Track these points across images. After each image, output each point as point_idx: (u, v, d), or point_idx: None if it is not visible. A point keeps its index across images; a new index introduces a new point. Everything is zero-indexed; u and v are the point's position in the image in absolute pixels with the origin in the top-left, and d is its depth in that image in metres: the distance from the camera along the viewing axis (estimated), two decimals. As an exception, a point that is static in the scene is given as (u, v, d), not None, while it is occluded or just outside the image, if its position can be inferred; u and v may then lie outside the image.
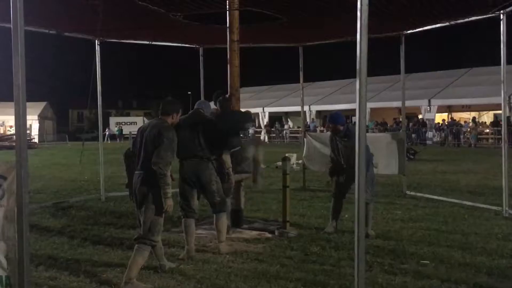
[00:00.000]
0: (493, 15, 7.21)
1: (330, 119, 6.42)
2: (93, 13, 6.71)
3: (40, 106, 46.03)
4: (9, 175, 3.11)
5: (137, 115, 64.72)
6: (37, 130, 42.43)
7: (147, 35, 9.72)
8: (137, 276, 4.29)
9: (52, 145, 36.73)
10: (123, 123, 55.30)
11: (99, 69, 9.00)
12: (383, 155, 9.31)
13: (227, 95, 6.34)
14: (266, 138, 37.67)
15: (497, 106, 24.90)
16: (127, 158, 4.68)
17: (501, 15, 7.09)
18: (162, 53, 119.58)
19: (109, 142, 39.52)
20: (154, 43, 10.09)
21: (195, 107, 5.60)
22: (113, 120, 55.07)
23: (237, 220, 6.51)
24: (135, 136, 4.71)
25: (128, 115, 69.22)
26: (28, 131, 27.65)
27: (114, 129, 50.48)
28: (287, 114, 39.80)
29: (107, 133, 43.33)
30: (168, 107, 4.60)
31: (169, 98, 4.77)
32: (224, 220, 5.48)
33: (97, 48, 8.98)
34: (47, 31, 8.13)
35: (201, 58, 10.41)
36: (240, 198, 6.60)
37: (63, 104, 71.05)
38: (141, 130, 4.53)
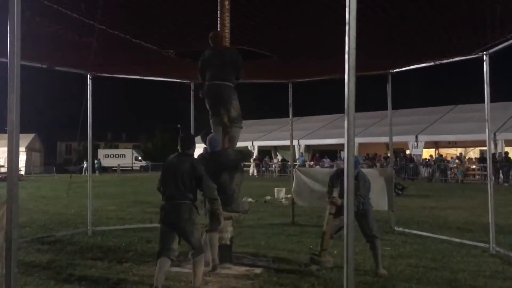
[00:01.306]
0: (476, 56, 7.45)
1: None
2: (86, 49, 6.81)
3: (28, 138, 45.76)
4: (-1, 211, 3.10)
5: (126, 148, 64.52)
6: (24, 162, 41.97)
7: (139, 70, 9.84)
8: None
9: (39, 177, 36.34)
10: (111, 156, 55.07)
11: (90, 103, 9.06)
12: (372, 191, 9.38)
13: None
14: (255, 172, 37.69)
15: (483, 143, 25.34)
16: None
17: (484, 56, 7.33)
18: (153, 86, 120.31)
19: (85, 175, 38.40)
20: (145, 78, 10.20)
21: (211, 145, 6.15)
22: (101, 153, 54.82)
23: (225, 256, 6.46)
24: (163, 170, 5.15)
25: (116, 147, 68.98)
26: (15, 163, 27.16)
27: (103, 160, 50.05)
28: (276, 148, 40.00)
29: (84, 166, 42.39)
30: (191, 143, 5.20)
31: (185, 134, 5.45)
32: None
33: (89, 82, 9.05)
34: (39, 65, 8.19)
35: (192, 93, 10.52)
36: (228, 233, 6.57)
37: (52, 136, 70.64)
38: (171, 166, 5.04)
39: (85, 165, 42.34)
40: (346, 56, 3.17)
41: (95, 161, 47.07)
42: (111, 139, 77.29)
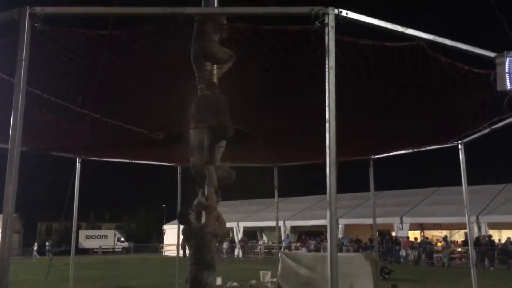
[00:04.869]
0: (452, 145, 7.84)
1: None
2: (78, 135, 7.01)
3: (8, 218, 44.59)
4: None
5: (108, 228, 63.07)
6: (2, 244, 40.59)
7: (127, 154, 10.04)
8: None
9: (16, 260, 35.07)
10: (93, 237, 53.67)
11: (78, 186, 9.12)
12: (358, 276, 9.34)
13: None
14: (241, 254, 36.99)
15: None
16: None
17: (459, 145, 7.72)
18: (138, 166, 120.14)
19: (37, 257, 36.55)
20: (134, 161, 10.38)
21: None
22: (82, 234, 53.28)
23: None
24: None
25: (99, 228, 67.41)
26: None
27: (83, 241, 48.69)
28: (262, 229, 39.55)
29: (35, 248, 40.85)
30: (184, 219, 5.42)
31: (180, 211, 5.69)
32: None
33: (78, 166, 9.17)
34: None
35: (179, 176, 10.70)
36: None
37: (32, 216, 68.85)
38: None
39: (35, 247, 40.91)
40: (327, 150, 3.40)
41: (47, 243, 44.14)
42: (94, 219, 75.65)
